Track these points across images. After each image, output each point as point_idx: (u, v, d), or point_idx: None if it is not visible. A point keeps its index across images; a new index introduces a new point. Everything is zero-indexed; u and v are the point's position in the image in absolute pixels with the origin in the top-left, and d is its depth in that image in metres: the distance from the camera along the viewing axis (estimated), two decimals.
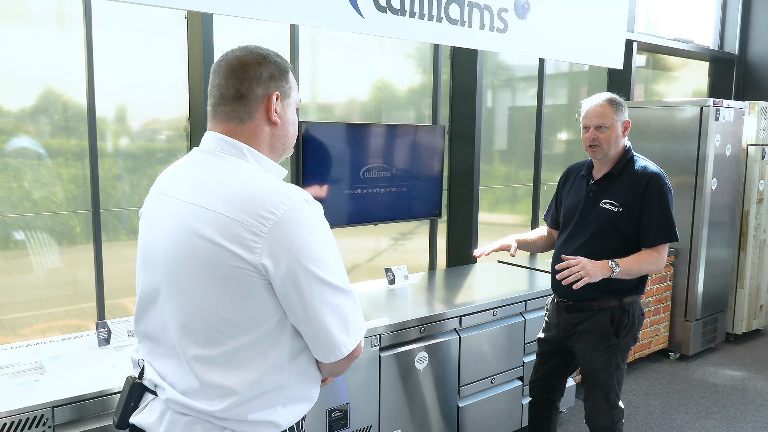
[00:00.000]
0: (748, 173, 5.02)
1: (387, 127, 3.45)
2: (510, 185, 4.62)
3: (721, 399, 4.05)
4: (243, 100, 1.31)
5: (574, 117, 5.12)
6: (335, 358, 1.31)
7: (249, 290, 1.22)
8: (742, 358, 4.84)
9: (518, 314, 3.29)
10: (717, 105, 4.54)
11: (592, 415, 2.67)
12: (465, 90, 4.02)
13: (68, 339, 2.48)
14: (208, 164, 1.33)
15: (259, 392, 1.28)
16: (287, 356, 1.30)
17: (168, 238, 1.30)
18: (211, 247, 1.21)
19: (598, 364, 2.58)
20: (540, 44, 3.44)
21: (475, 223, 4.09)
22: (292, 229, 1.21)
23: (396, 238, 3.99)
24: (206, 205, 1.24)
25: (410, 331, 2.80)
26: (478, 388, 3.13)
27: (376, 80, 3.75)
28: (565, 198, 2.74)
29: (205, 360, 1.27)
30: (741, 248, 5.11)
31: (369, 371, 2.67)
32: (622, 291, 2.55)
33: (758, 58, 6.21)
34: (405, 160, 3.52)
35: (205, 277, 1.23)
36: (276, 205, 1.21)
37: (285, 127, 1.38)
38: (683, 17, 5.97)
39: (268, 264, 1.20)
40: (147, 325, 1.39)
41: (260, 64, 1.32)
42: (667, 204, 2.48)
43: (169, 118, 3.01)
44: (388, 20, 2.75)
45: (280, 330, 1.28)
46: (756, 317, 5.26)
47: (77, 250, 2.79)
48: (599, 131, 2.52)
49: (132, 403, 1.38)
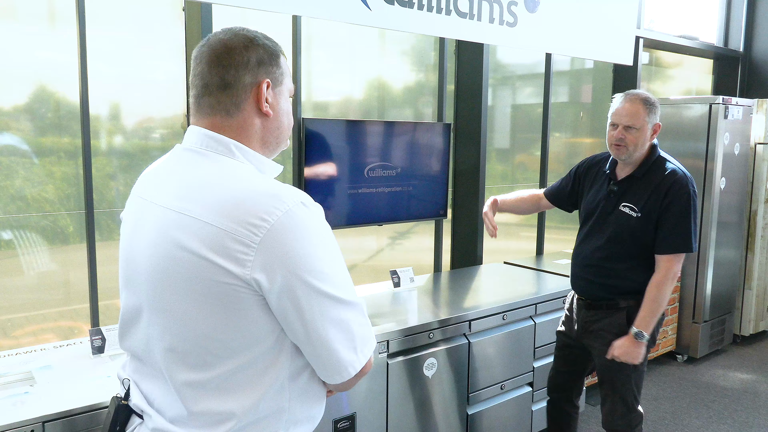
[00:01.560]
0: (756, 172, 4.92)
1: (391, 124, 3.34)
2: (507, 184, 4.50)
3: (732, 403, 3.96)
4: (229, 89, 1.15)
5: (579, 115, 5.02)
6: (342, 379, 1.17)
7: (241, 309, 1.08)
8: (750, 360, 4.75)
9: (528, 318, 3.18)
10: (726, 103, 4.44)
11: (609, 418, 2.59)
12: (470, 87, 3.91)
13: (60, 347, 2.35)
14: (192, 164, 1.17)
15: (256, 418, 1.14)
16: (287, 376, 1.16)
17: (149, 251, 1.14)
18: (196, 261, 1.06)
19: (614, 363, 2.49)
20: (550, 39, 3.33)
21: (480, 224, 3.97)
22: (287, 237, 1.05)
23: (393, 237, 3.87)
24: (189, 212, 1.09)
25: (419, 337, 2.69)
26: (487, 395, 3.02)
27: (372, 78, 3.62)
28: (586, 191, 2.66)
29: (196, 385, 1.13)
30: (749, 248, 5.02)
31: (376, 379, 2.56)
32: (639, 290, 2.46)
33: (763, 55, 6.12)
34: (410, 159, 3.41)
35: (191, 295, 1.08)
36: (268, 210, 1.05)
37: (278, 118, 1.22)
38: (686, 14, 5.87)
39: (261, 279, 1.05)
40: (131, 344, 1.25)
41: (247, 48, 1.16)
42: (686, 213, 2.36)
43: (163, 116, 2.89)
44: (396, 12, 2.63)
45: (279, 349, 1.14)
46: (763, 318, 5.18)
47: (70, 250, 2.68)
48: (627, 132, 2.39)
49: (118, 427, 1.24)
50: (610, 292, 2.50)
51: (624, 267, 2.47)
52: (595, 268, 2.53)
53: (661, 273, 2.39)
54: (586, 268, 2.58)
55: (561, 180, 2.84)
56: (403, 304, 3.06)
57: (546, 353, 3.29)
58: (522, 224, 4.61)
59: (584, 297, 2.61)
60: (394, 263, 3.82)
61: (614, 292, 2.50)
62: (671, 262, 2.38)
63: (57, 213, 2.60)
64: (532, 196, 2.93)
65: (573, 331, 2.68)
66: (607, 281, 2.51)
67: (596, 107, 5.14)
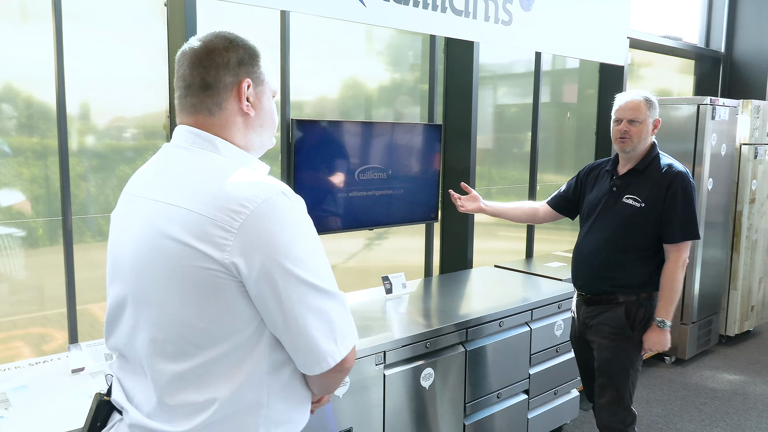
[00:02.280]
0: (741, 173, 4.93)
1: (382, 125, 3.23)
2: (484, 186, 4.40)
3: (723, 405, 3.94)
4: (210, 89, 1.18)
5: (566, 116, 4.97)
6: (320, 370, 1.15)
7: (221, 295, 1.09)
8: (737, 360, 4.75)
9: (524, 324, 3.10)
10: (713, 103, 4.43)
11: (604, 415, 2.62)
12: (460, 87, 3.82)
13: (36, 364, 2.20)
14: (179, 159, 1.20)
15: (233, 410, 1.13)
16: (266, 369, 1.16)
17: (133, 242, 1.17)
18: (178, 248, 1.08)
19: (612, 355, 2.57)
20: (544, 38, 3.26)
21: (471, 226, 3.89)
22: (266, 223, 1.07)
23: (371, 239, 3.75)
24: (175, 202, 1.12)
25: (416, 347, 2.59)
26: (484, 405, 2.93)
27: (347, 78, 3.48)
28: (588, 192, 2.76)
29: (175, 376, 1.12)
30: (734, 249, 5.02)
31: (373, 391, 2.45)
32: (638, 285, 2.55)
33: (744, 56, 6.16)
34: (401, 161, 3.31)
35: (173, 282, 1.10)
36: (249, 197, 1.07)
37: (260, 116, 1.24)
38: (667, 15, 5.87)
39: (239, 263, 1.06)
40: (116, 340, 1.25)
41: (227, 49, 1.18)
42: (691, 202, 2.49)
43: (135, 115, 2.73)
44: (391, 9, 2.53)
45: (257, 339, 1.14)
46: (748, 318, 5.20)
47: (40, 254, 2.52)
48: (631, 125, 2.54)
49: (98, 423, 1.23)
50: (611, 284, 2.56)
51: (626, 258, 2.54)
52: (599, 259, 2.59)
53: (673, 262, 2.49)
54: (589, 260, 2.63)
55: (562, 188, 2.94)
56: (398, 312, 2.95)
57: (542, 359, 3.22)
58: (501, 224, 4.50)
59: (584, 291, 2.67)
60: (373, 265, 3.71)
61: (615, 285, 2.56)
62: (680, 250, 2.49)
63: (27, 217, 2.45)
64: (529, 205, 3.02)
65: (579, 331, 2.75)
66: (609, 273, 2.56)
67: (581, 107, 5.10)
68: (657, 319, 2.51)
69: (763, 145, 5.02)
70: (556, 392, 3.34)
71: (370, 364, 2.43)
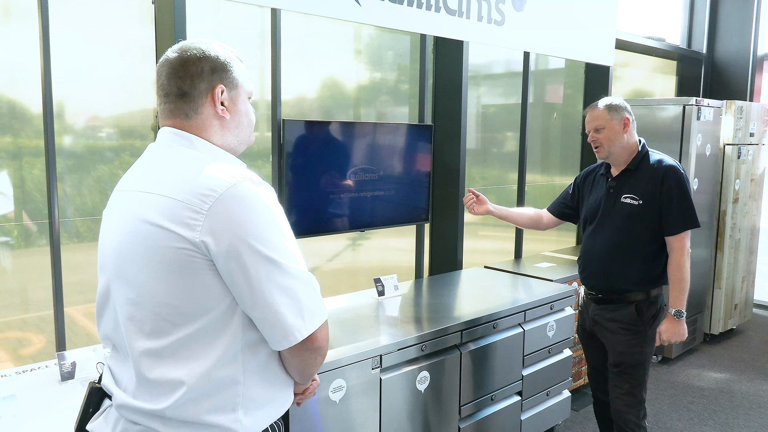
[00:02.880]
0: (724, 173, 4.99)
1: (373, 126, 3.19)
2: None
3: (710, 404, 3.97)
4: (186, 97, 1.29)
5: (551, 116, 4.98)
6: (288, 344, 1.22)
7: (193, 273, 1.17)
8: (721, 359, 4.80)
9: (517, 325, 3.09)
10: (699, 104, 4.47)
11: (620, 409, 2.70)
12: (449, 86, 3.80)
13: (23, 372, 2.13)
14: (161, 156, 1.31)
15: (210, 387, 1.20)
16: (240, 347, 1.23)
17: (117, 231, 1.27)
18: (153, 231, 1.18)
19: (626, 349, 2.65)
20: (535, 38, 3.25)
21: (460, 227, 3.88)
22: (233, 205, 1.16)
23: (354, 239, 3.71)
24: (153, 190, 1.23)
25: (411, 350, 2.56)
26: (478, 407, 2.92)
27: (326, 78, 3.41)
28: (587, 196, 2.84)
29: (153, 353, 1.21)
30: (718, 248, 5.08)
31: (370, 396, 2.42)
32: (649, 281, 2.63)
33: (725, 57, 6.24)
34: (392, 162, 3.27)
35: (148, 262, 1.19)
36: (218, 183, 1.17)
37: (236, 118, 1.35)
38: (649, 16, 5.92)
39: (208, 241, 1.15)
40: (105, 329, 1.34)
41: (200, 59, 1.29)
42: (685, 192, 2.56)
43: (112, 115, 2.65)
44: (386, 9, 2.50)
45: (230, 317, 1.21)
46: (731, 317, 5.26)
47: (15, 256, 2.45)
48: (597, 133, 2.65)
49: (90, 409, 1.33)
50: (625, 282, 2.63)
51: (636, 256, 2.62)
52: (611, 258, 2.66)
53: (678, 252, 2.57)
54: (601, 260, 2.69)
55: (561, 195, 3.05)
56: (391, 314, 2.92)
57: (536, 360, 3.21)
58: (480, 224, 4.48)
59: (595, 291, 2.74)
60: (361, 266, 3.67)
61: (627, 282, 2.63)
62: (683, 240, 2.56)
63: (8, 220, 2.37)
64: (534, 211, 3.09)
65: (588, 326, 2.83)
66: (622, 271, 2.63)
67: (566, 108, 5.12)
68: (672, 309, 2.59)
69: (746, 146, 5.08)
70: (548, 393, 3.34)
71: (366, 368, 2.39)
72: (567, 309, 3.41)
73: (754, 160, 5.26)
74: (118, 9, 2.60)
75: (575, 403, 3.83)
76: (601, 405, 2.97)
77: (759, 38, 6.06)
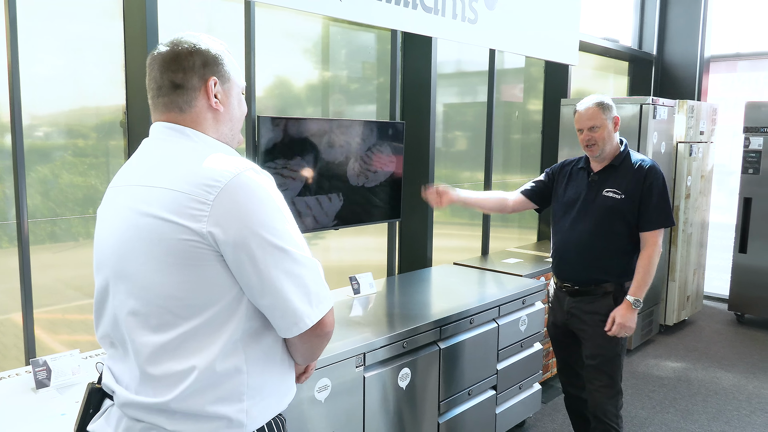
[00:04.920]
0: (677, 170, 5.18)
1: (349, 123, 3.17)
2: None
3: (670, 392, 4.12)
4: (180, 89, 1.28)
5: (513, 115, 5.06)
6: (299, 331, 1.22)
7: (199, 265, 1.16)
8: (676, 348, 4.99)
9: (492, 320, 3.13)
10: (654, 103, 4.63)
11: (598, 401, 2.74)
12: (417, 84, 3.81)
13: None
14: (157, 148, 1.30)
15: (214, 378, 1.19)
16: (241, 336, 1.21)
17: (115, 227, 1.25)
18: (157, 223, 1.17)
19: (605, 341, 2.69)
20: (505, 37, 3.30)
21: (430, 225, 3.90)
22: (239, 195, 1.16)
23: (308, 237, 3.66)
24: (153, 183, 1.21)
25: (394, 347, 2.56)
26: (456, 402, 2.94)
27: (272, 76, 3.32)
28: (563, 189, 2.86)
29: (157, 347, 1.19)
30: (672, 242, 5.27)
31: (354, 394, 2.40)
32: (625, 273, 2.69)
33: (674, 58, 6.48)
34: (366, 159, 3.26)
35: (153, 256, 1.18)
36: (222, 173, 1.17)
37: (229, 111, 1.34)
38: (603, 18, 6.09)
39: (215, 232, 1.15)
40: (103, 329, 1.31)
41: (192, 53, 1.29)
42: (665, 192, 2.65)
43: (48, 113, 2.49)
44: (365, 4, 2.48)
45: (235, 308, 1.20)
46: (684, 308, 5.46)
47: None
48: (593, 131, 2.68)
49: (90, 410, 1.31)
50: (603, 272, 2.69)
51: (613, 248, 2.67)
52: (589, 249, 2.70)
53: (650, 247, 2.64)
54: (578, 251, 2.72)
55: (537, 181, 3.03)
56: (370, 312, 2.91)
57: (509, 354, 3.26)
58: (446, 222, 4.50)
59: (571, 283, 2.77)
60: (332, 265, 3.64)
61: (604, 273, 2.69)
62: (657, 237, 2.64)
63: None
64: (498, 194, 3.08)
65: (561, 321, 2.86)
66: (599, 262, 2.69)
67: (526, 107, 5.22)
68: (631, 298, 2.64)
69: (697, 143, 5.29)
70: (520, 387, 3.39)
71: (350, 366, 2.37)
72: (537, 303, 3.47)
73: (704, 158, 5.48)
74: (53, 6, 2.45)
75: (544, 395, 3.91)
76: (572, 400, 3.02)
77: (706, 41, 6.32)
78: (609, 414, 2.73)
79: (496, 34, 3.22)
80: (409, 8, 2.66)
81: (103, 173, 2.64)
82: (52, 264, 2.47)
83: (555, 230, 2.87)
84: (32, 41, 2.37)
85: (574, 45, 3.93)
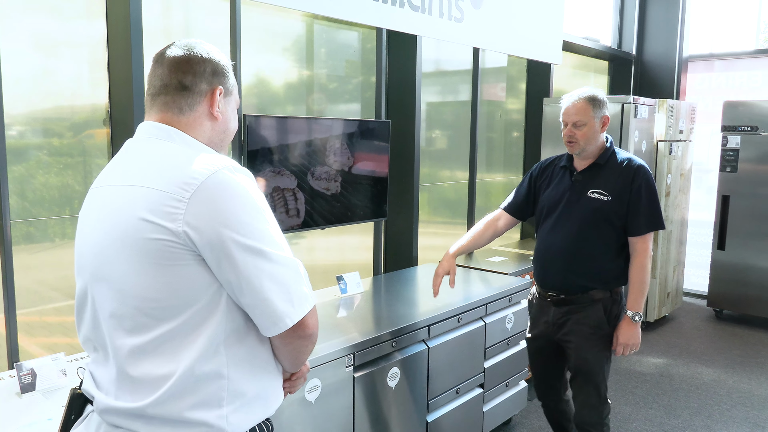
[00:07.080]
0: (658, 168, 5.24)
1: (333, 122, 3.16)
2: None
3: (653, 388, 4.17)
4: (186, 91, 1.29)
5: (497, 114, 5.09)
6: (279, 330, 1.21)
7: (174, 265, 1.15)
8: (657, 344, 5.05)
9: (479, 319, 3.14)
10: (636, 102, 4.68)
11: (583, 411, 2.64)
12: (403, 83, 3.81)
13: None
14: (140, 149, 1.29)
15: (192, 382, 1.17)
16: (222, 340, 1.20)
17: (95, 228, 1.24)
18: (134, 223, 1.16)
19: (591, 355, 2.57)
20: (491, 36, 3.31)
21: (415, 224, 3.90)
22: (214, 193, 1.15)
23: (292, 237, 3.64)
24: (135, 182, 1.21)
25: (382, 346, 2.55)
26: (444, 401, 2.94)
27: (251, 74, 3.23)
28: (543, 189, 2.71)
29: (135, 349, 1.18)
30: (653, 240, 5.33)
31: (344, 395, 2.39)
32: (611, 279, 2.56)
33: (653, 57, 6.56)
34: (352, 158, 3.25)
35: (129, 257, 1.17)
36: (199, 171, 1.16)
37: (225, 122, 1.36)
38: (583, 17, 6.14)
39: (190, 232, 1.14)
40: (85, 332, 1.30)
41: (205, 60, 1.31)
42: (655, 193, 2.51)
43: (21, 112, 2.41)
44: (351, 2, 2.47)
45: (213, 308, 1.19)
46: (664, 305, 5.54)
47: None
48: (576, 128, 2.52)
49: (72, 416, 1.29)
50: (587, 279, 2.54)
51: (598, 253, 2.53)
52: (572, 255, 2.55)
53: (641, 255, 2.50)
54: (561, 257, 2.57)
55: (515, 191, 2.84)
56: (358, 312, 2.90)
57: (496, 352, 3.27)
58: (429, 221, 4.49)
59: (555, 292, 2.61)
60: (318, 264, 3.62)
61: (590, 279, 2.54)
62: (646, 241, 2.50)
63: None
64: (487, 225, 2.85)
65: (543, 333, 2.71)
66: (584, 268, 2.54)
67: (508, 106, 5.24)
68: (630, 312, 2.50)
69: (677, 142, 5.36)
70: (507, 384, 3.41)
71: (340, 366, 2.36)
72: (523, 302, 3.49)
73: (683, 156, 5.56)
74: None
75: (530, 393, 3.93)
76: (551, 411, 2.91)
77: (684, 40, 6.40)
78: (596, 426, 2.62)
79: (482, 33, 3.23)
80: (396, 6, 2.65)
81: (79, 173, 2.59)
82: (28, 266, 2.42)
83: (537, 234, 2.73)
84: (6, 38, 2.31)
85: (558, 44, 3.95)
